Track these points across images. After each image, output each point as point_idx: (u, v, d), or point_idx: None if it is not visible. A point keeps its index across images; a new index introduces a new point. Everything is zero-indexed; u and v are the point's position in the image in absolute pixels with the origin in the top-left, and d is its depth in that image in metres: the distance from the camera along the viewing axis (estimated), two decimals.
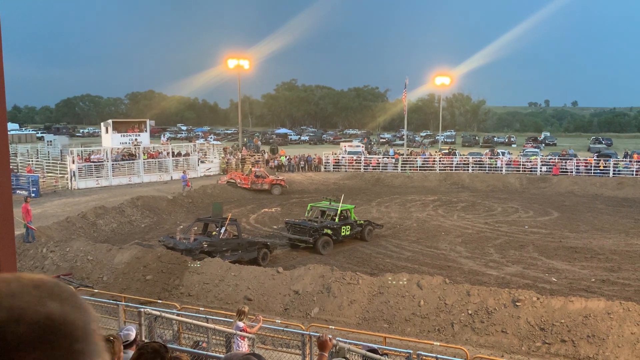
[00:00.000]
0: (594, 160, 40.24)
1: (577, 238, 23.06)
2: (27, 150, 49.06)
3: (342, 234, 21.54)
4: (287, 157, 43.63)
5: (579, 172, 38.86)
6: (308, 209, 23.45)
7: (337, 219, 21.57)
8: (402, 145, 55.89)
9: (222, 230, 18.68)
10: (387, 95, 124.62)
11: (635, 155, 42.99)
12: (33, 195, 29.03)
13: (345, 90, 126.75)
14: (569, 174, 38.95)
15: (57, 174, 37.32)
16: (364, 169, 42.34)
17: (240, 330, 8.80)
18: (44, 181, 33.63)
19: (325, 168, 42.62)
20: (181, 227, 20.96)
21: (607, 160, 39.54)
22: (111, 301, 12.01)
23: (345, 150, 46.57)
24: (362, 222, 22.81)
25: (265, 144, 64.71)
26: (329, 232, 20.96)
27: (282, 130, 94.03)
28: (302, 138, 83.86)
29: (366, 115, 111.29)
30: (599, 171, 38.49)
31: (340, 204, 22.17)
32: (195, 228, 19.64)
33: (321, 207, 23.02)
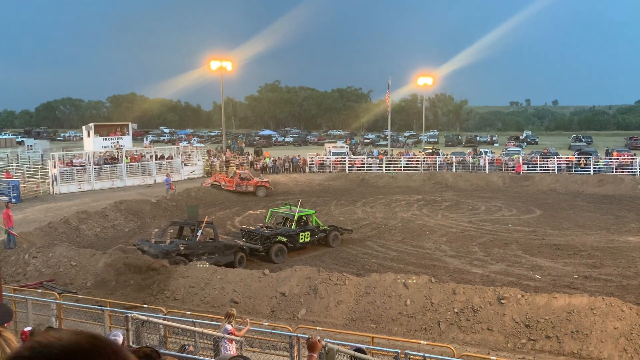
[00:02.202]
0: (575, 158, 40.79)
1: (560, 235, 23.36)
2: (7, 155, 48.25)
3: (301, 240, 20.81)
4: (272, 159, 43.55)
5: (560, 170, 39.37)
6: (268, 214, 22.57)
7: (293, 226, 20.93)
8: (386, 145, 56.11)
9: (199, 233, 18.56)
10: (370, 96, 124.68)
11: (614, 153, 43.66)
12: (14, 200, 28.61)
13: (329, 91, 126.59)
14: (550, 172, 39.46)
15: (38, 178, 36.80)
16: (349, 169, 42.43)
17: (228, 333, 8.76)
18: (24, 186, 33.12)
19: (310, 169, 42.61)
20: (156, 230, 20.77)
21: (588, 158, 40.10)
22: (96, 307, 11.87)
23: (330, 151, 46.61)
24: (326, 227, 22.07)
25: (250, 146, 64.52)
26: (284, 239, 20.22)
27: (266, 132, 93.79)
28: (286, 139, 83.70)
29: (350, 116, 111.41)
30: (580, 169, 39.03)
31: (298, 209, 21.53)
32: (171, 231, 19.48)
33: (281, 213, 22.19)
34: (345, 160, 43.29)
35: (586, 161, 39.47)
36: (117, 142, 37.54)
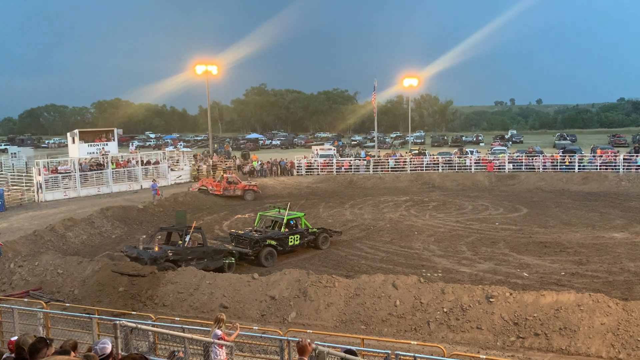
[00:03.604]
0: (560, 156, 41.21)
1: (546, 233, 23.59)
2: None
3: (290, 243, 20.83)
4: (259, 162, 43.46)
5: (545, 169, 39.76)
6: (257, 218, 22.50)
7: (283, 229, 20.89)
8: (373, 147, 56.26)
9: (187, 239, 18.45)
10: (356, 98, 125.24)
11: (598, 150, 44.17)
12: None
13: (315, 93, 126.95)
14: (536, 170, 39.83)
15: (22, 186, 36.39)
16: (336, 171, 42.47)
17: (218, 339, 8.72)
18: (9, 194, 32.74)
19: (297, 172, 42.60)
20: (143, 236, 20.62)
21: (572, 156, 40.54)
22: (84, 315, 11.75)
23: (317, 154, 46.66)
24: (315, 229, 22.06)
25: (237, 150, 64.31)
26: (273, 242, 20.23)
27: (253, 135, 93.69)
28: (274, 142, 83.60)
29: (337, 118, 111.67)
30: (564, 167, 39.44)
31: (287, 213, 21.52)
32: (159, 237, 19.33)
33: (270, 216, 22.10)
34: (332, 163, 43.33)
35: (571, 159, 39.90)
36: (103, 148, 37.25)
